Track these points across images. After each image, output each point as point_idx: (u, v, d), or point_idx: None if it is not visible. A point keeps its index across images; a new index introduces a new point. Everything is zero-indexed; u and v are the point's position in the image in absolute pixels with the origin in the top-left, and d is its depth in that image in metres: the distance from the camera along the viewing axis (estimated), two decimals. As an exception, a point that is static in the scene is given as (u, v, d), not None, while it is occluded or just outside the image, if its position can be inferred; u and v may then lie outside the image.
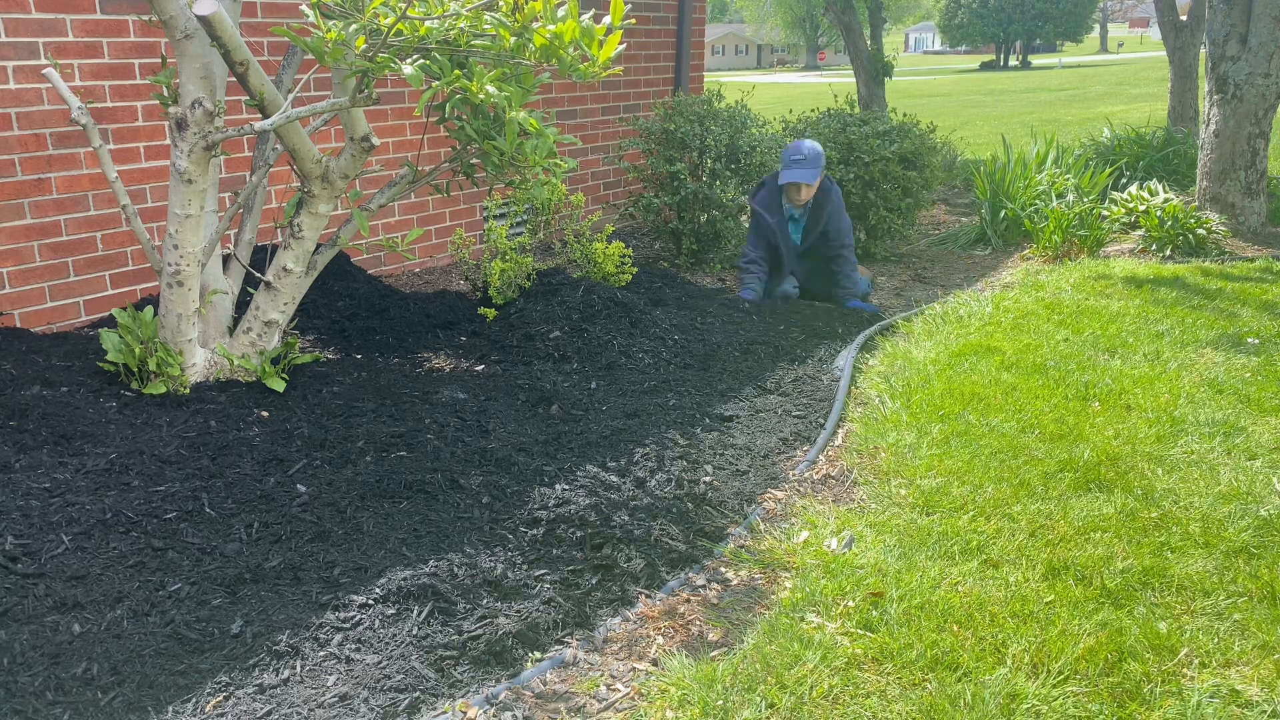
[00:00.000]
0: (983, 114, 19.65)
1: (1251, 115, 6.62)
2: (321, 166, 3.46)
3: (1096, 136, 9.41)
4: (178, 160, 3.27)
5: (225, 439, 3.11)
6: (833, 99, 7.90)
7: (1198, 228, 6.40)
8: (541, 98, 6.54)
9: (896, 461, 3.39)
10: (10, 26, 3.99)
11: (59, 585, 2.36)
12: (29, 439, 3.03)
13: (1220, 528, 2.89)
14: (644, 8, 7.29)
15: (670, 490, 3.09)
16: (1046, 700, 2.15)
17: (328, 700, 2.10)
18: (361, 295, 4.77)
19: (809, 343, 4.71)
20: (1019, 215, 6.98)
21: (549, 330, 4.34)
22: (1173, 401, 3.82)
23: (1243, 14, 6.55)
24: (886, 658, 2.30)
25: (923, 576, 2.63)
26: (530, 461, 3.18)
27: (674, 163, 5.98)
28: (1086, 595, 2.55)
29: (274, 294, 3.64)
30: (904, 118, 6.92)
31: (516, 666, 2.27)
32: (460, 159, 3.56)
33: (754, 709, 2.12)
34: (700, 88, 8.01)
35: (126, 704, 2.05)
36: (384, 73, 2.98)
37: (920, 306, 5.45)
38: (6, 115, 4.02)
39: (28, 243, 4.17)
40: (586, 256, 5.10)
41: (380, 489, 2.92)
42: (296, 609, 2.38)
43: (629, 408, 3.71)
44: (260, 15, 4.87)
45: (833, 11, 11.04)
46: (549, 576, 2.58)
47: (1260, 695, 2.18)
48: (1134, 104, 18.71)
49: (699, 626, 2.47)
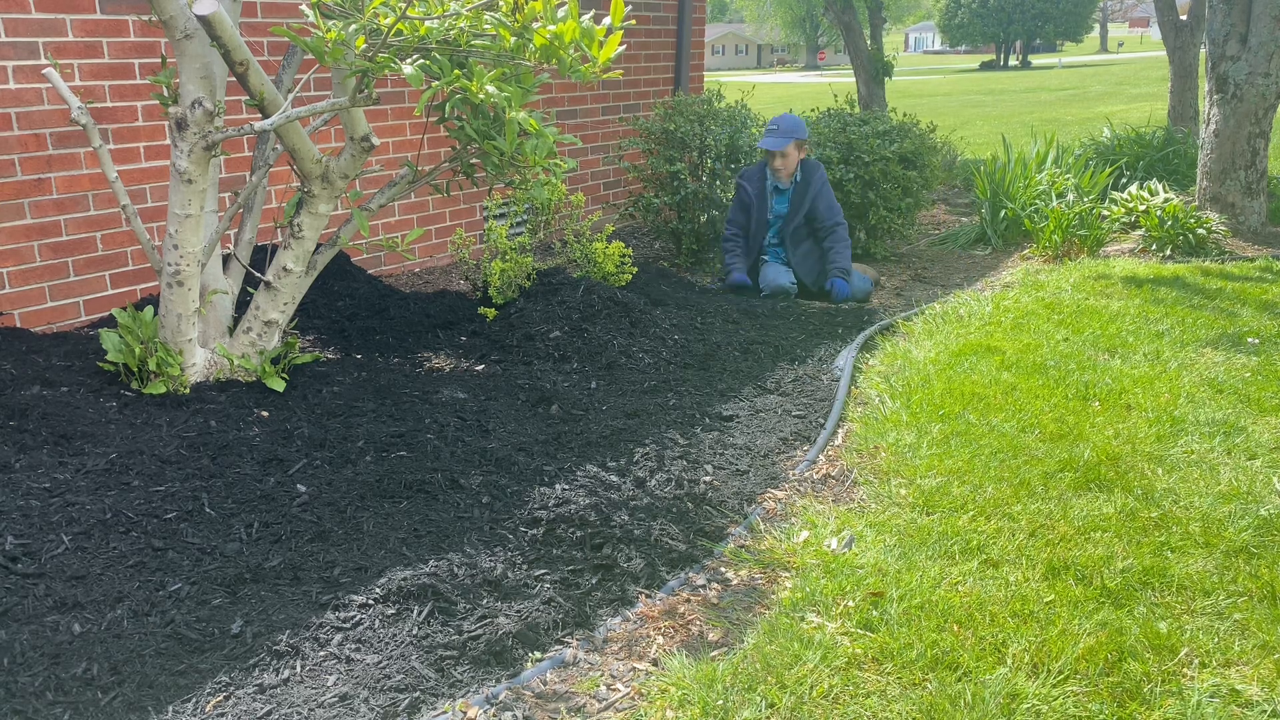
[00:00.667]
0: (983, 114, 19.65)
1: (1251, 115, 6.62)
2: (321, 166, 3.46)
3: (1096, 136, 9.41)
4: (178, 160, 3.27)
5: (225, 439, 3.11)
6: (833, 99, 7.90)
7: (1198, 227, 6.40)
8: (541, 98, 6.54)
9: (896, 461, 3.39)
10: (10, 26, 3.99)
11: (59, 585, 2.36)
12: (29, 439, 3.03)
13: (1220, 527, 2.89)
14: (644, 8, 7.29)
15: (670, 490, 3.09)
16: (1047, 700, 2.15)
17: (328, 700, 2.10)
18: (361, 295, 4.77)
19: (809, 343, 4.71)
20: (1019, 215, 6.98)
21: (549, 330, 4.34)
22: (1173, 401, 3.82)
23: (1243, 14, 6.55)
24: (886, 657, 2.30)
25: (923, 576, 2.63)
26: (530, 461, 3.18)
27: (674, 163, 5.98)
28: (1087, 595, 2.55)
29: (274, 294, 3.64)
30: (904, 117, 6.92)
31: (516, 666, 2.27)
32: (460, 159, 3.56)
33: (754, 709, 2.12)
34: (700, 87, 8.01)
35: (126, 704, 2.05)
36: (384, 73, 2.98)
37: (920, 306, 5.44)
38: (6, 115, 4.03)
39: (28, 243, 4.17)
40: (586, 256, 5.10)
41: (380, 489, 2.92)
42: (296, 609, 2.38)
43: (629, 407, 3.71)
44: (260, 15, 4.87)
45: (833, 11, 11.04)
46: (549, 576, 2.58)
47: (1260, 695, 2.18)
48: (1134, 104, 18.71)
49: (699, 626, 2.47)
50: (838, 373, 4.28)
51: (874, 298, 5.76)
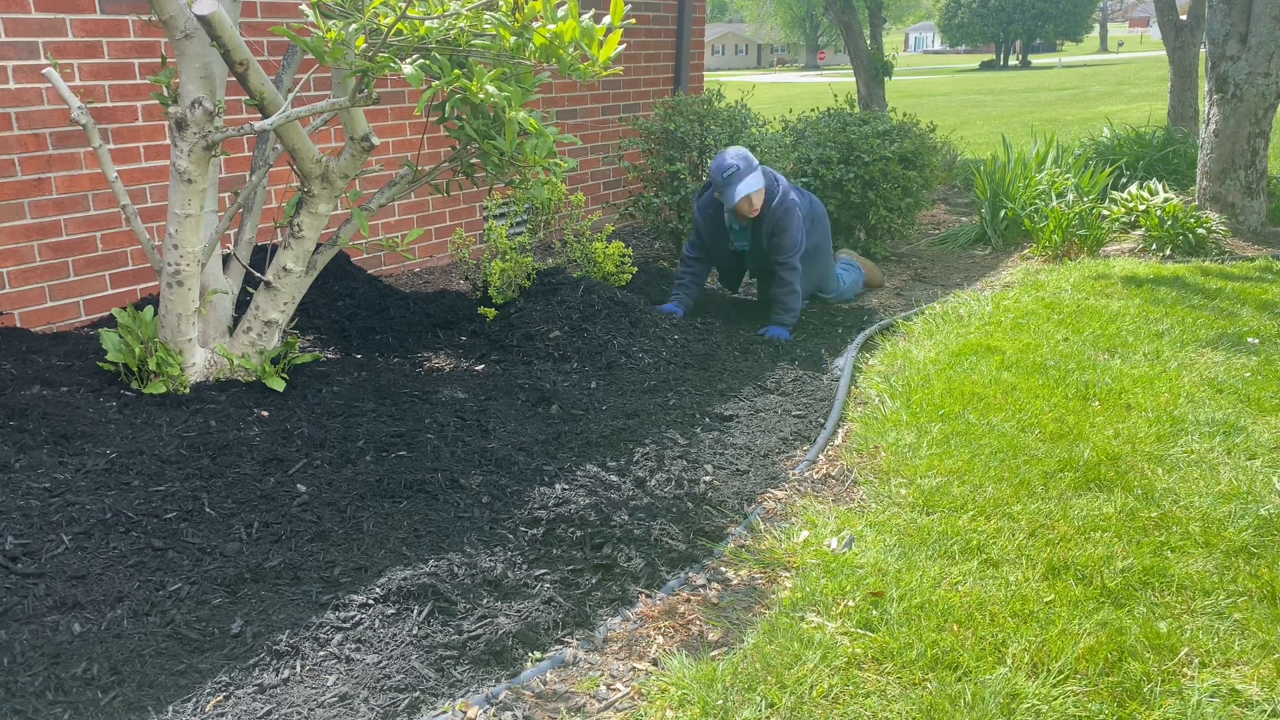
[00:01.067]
0: (983, 113, 19.65)
1: (1251, 115, 6.62)
2: (321, 166, 3.46)
3: (1096, 136, 9.40)
4: (177, 160, 3.27)
5: (225, 439, 3.11)
6: (833, 99, 7.90)
7: (1198, 227, 6.40)
8: (542, 97, 6.54)
9: (896, 461, 3.39)
10: (10, 26, 3.99)
11: (59, 585, 2.36)
12: (29, 439, 3.03)
13: (1220, 527, 2.89)
14: (644, 7, 7.29)
15: (670, 490, 3.09)
16: (1046, 700, 2.15)
17: (328, 700, 2.10)
18: (361, 295, 4.77)
19: (809, 343, 4.71)
20: (1019, 215, 6.98)
21: (549, 330, 4.34)
22: (1173, 401, 3.82)
23: (1243, 13, 6.54)
24: (886, 657, 2.30)
25: (923, 576, 2.63)
26: (530, 461, 3.18)
27: (674, 162, 5.98)
28: (1086, 595, 2.55)
29: (274, 294, 3.64)
30: (904, 117, 6.91)
31: (516, 666, 2.27)
32: (460, 159, 3.56)
33: (754, 709, 2.12)
34: (700, 87, 8.01)
35: (126, 704, 2.05)
36: (384, 72, 2.98)
37: (920, 306, 5.44)
38: (6, 115, 4.02)
39: (28, 243, 4.17)
40: (586, 256, 5.10)
41: (380, 488, 2.92)
42: (296, 609, 2.38)
43: (629, 407, 3.71)
44: (260, 15, 4.87)
45: (832, 11, 11.04)
46: (549, 576, 2.58)
47: (1260, 695, 2.18)
48: (1134, 103, 18.71)
49: (699, 626, 2.47)
50: (837, 372, 4.28)
51: (874, 297, 5.75)
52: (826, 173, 6.29)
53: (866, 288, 5.84)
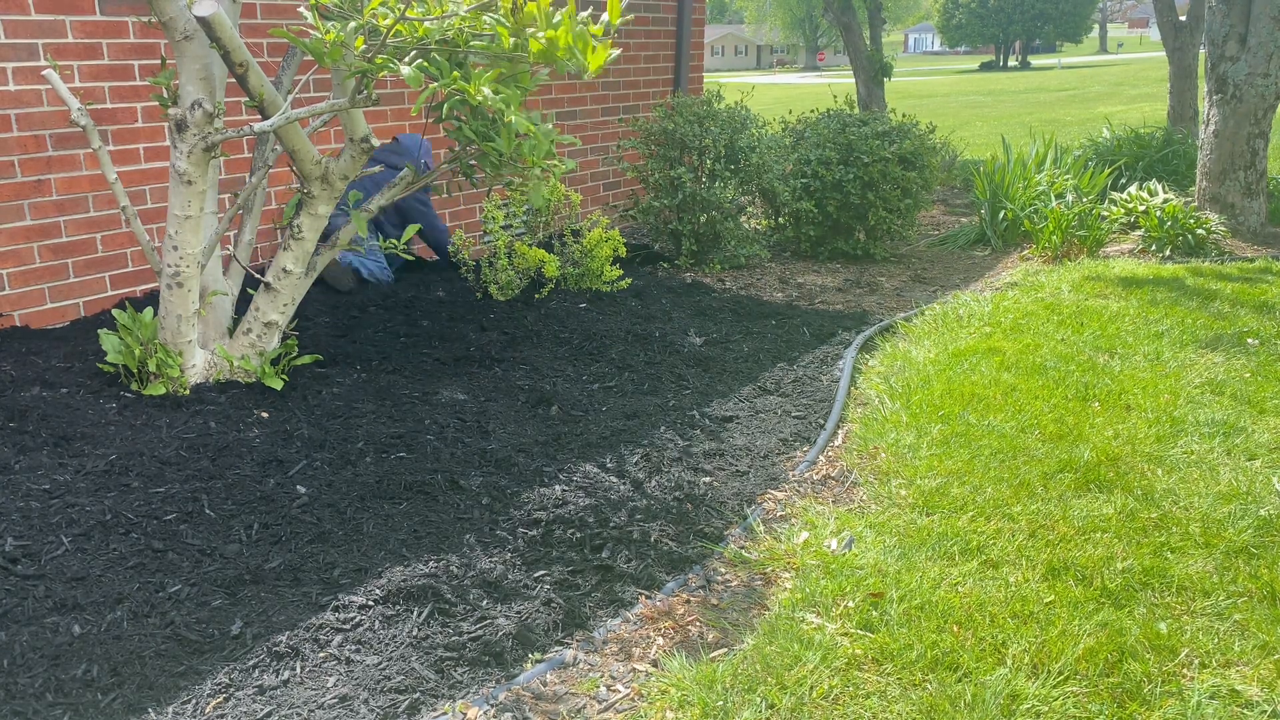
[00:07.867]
0: (982, 114, 19.65)
1: (1251, 115, 6.63)
2: (321, 167, 3.46)
3: (1096, 137, 9.41)
4: (177, 161, 3.27)
5: (225, 440, 3.11)
6: (832, 99, 7.90)
7: (1197, 228, 6.40)
8: (541, 98, 6.54)
9: (896, 462, 3.39)
10: (10, 28, 3.99)
11: (59, 586, 2.36)
12: (29, 440, 3.03)
13: (1220, 528, 2.89)
14: (644, 8, 7.29)
15: (669, 491, 3.09)
16: (1046, 700, 2.15)
17: (328, 701, 2.10)
18: (361, 295, 4.77)
19: (809, 343, 4.71)
20: (1018, 215, 6.98)
21: (549, 330, 4.34)
22: (1172, 402, 3.82)
23: (1242, 14, 6.55)
24: (886, 658, 2.30)
25: (923, 577, 2.63)
26: (530, 462, 3.18)
27: (675, 165, 5.98)
28: (1086, 595, 2.55)
29: (274, 295, 3.64)
30: (903, 118, 6.92)
31: (516, 667, 2.27)
32: (459, 159, 3.56)
33: (754, 710, 2.12)
34: (700, 88, 8.01)
35: (126, 705, 2.05)
36: (383, 74, 2.98)
37: (920, 307, 5.44)
38: (6, 116, 4.02)
39: (28, 244, 4.17)
40: (586, 256, 5.09)
41: (380, 490, 2.92)
42: (296, 610, 2.38)
43: (629, 408, 3.71)
44: (260, 16, 4.87)
45: (832, 12, 11.05)
46: (548, 577, 2.58)
47: (1260, 695, 2.18)
48: (1133, 104, 18.71)
49: (699, 627, 2.47)
50: (837, 373, 4.28)
51: (874, 298, 5.75)
52: (826, 174, 6.29)
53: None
